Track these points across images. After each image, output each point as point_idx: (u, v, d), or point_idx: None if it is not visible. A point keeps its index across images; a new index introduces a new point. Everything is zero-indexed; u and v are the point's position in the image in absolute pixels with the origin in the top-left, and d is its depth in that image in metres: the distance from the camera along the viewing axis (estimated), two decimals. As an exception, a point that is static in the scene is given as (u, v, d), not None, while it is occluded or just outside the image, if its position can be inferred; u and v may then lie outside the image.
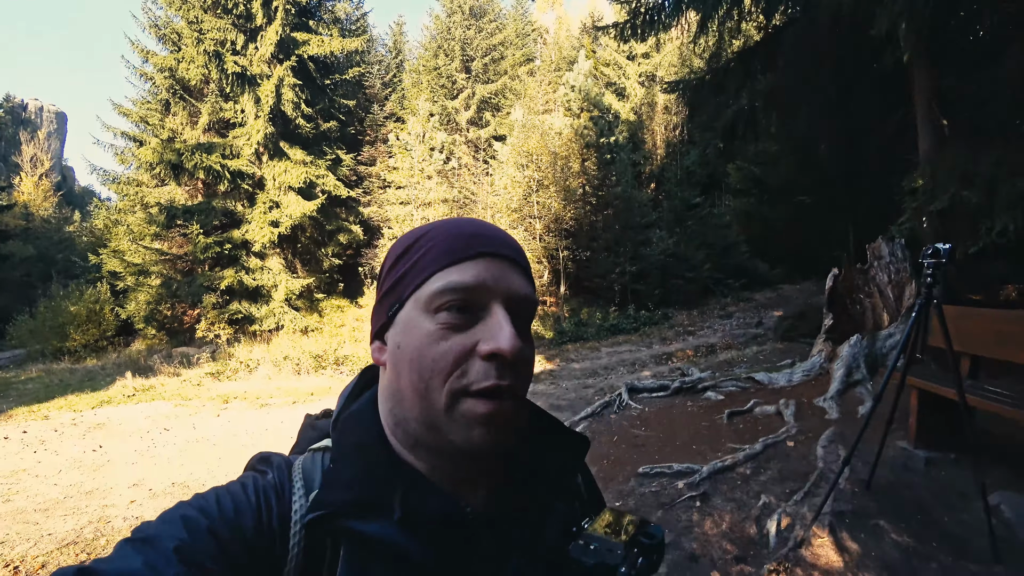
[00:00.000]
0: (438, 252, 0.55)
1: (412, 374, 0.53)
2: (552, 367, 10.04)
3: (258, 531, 0.51)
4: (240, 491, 0.53)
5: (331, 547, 0.52)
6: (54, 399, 10.07)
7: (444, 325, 0.53)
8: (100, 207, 19.66)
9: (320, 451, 0.60)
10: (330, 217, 18.20)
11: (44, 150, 44.28)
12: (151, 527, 0.48)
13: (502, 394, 0.52)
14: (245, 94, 15.87)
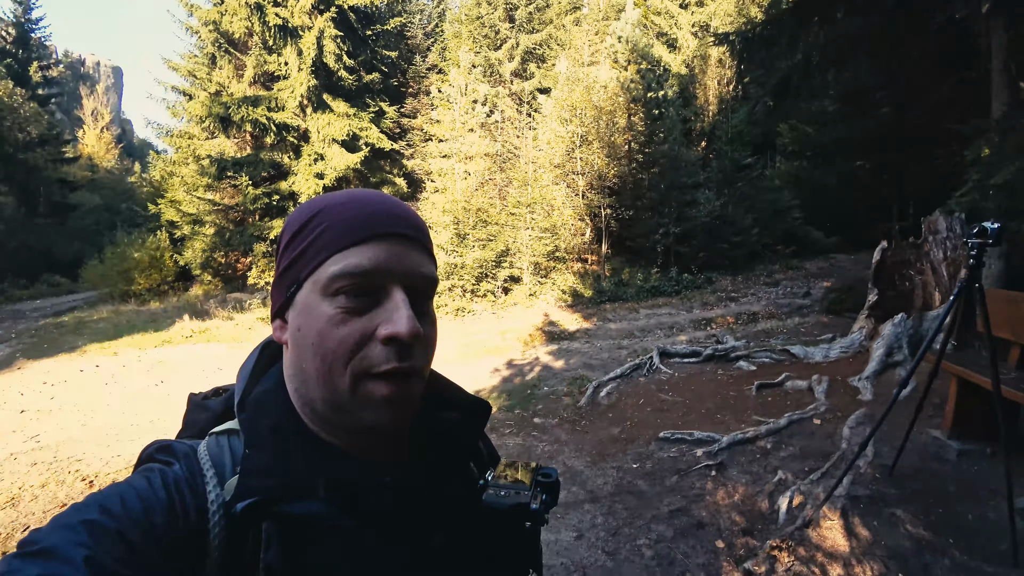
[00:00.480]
0: (335, 233, 0.55)
1: (315, 358, 0.54)
2: (588, 326, 10.04)
3: (172, 528, 0.48)
4: (146, 486, 0.49)
5: (253, 534, 0.50)
6: (122, 338, 10.87)
7: (343, 309, 0.53)
8: (157, 159, 20.43)
9: (224, 434, 0.58)
10: (374, 170, 18.34)
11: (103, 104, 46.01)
12: (46, 536, 0.42)
13: (403, 376, 0.54)
14: (288, 46, 15.88)
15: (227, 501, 0.51)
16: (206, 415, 0.64)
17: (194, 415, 0.65)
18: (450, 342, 9.36)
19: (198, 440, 0.58)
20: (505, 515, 0.59)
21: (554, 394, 6.13)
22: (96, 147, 38.19)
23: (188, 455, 0.55)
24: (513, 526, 0.60)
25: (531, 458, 4.39)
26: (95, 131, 39.97)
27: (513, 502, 0.60)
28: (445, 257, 12.82)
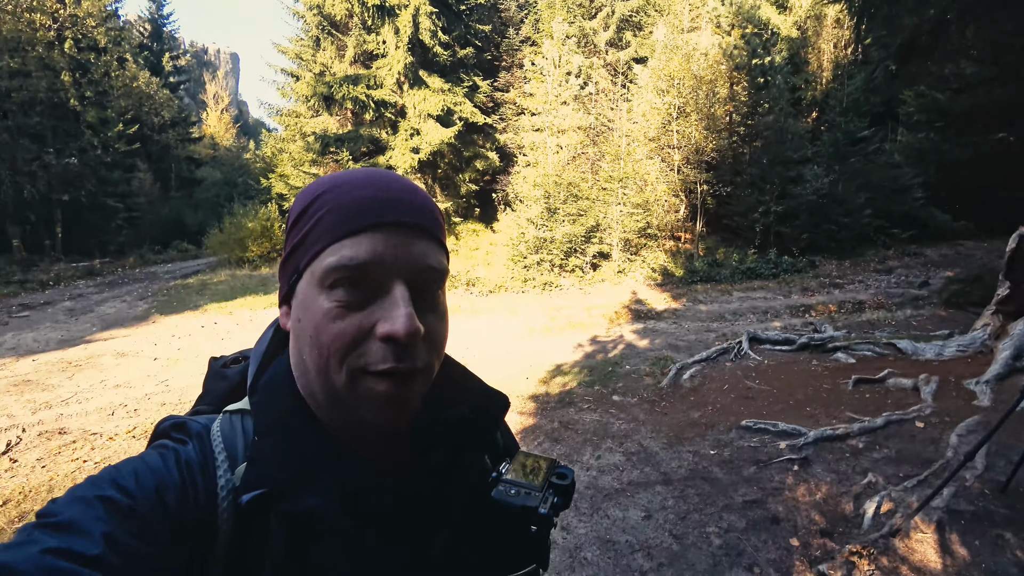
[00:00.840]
0: (332, 220, 0.52)
1: (312, 351, 0.52)
2: (677, 306, 9.80)
3: (183, 509, 0.47)
4: (161, 465, 0.49)
5: (259, 525, 0.50)
6: (236, 299, 12.10)
7: (339, 303, 0.50)
8: (268, 137, 22.11)
9: (238, 414, 0.57)
10: (467, 144, 18.70)
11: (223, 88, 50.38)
12: (64, 509, 0.43)
13: (402, 376, 0.51)
14: (385, 25, 16.41)
15: (236, 487, 0.51)
16: (224, 384, 0.64)
17: (212, 383, 0.65)
18: (538, 316, 9.53)
19: (213, 415, 0.58)
20: (512, 515, 0.58)
21: (635, 373, 6.10)
22: (217, 127, 42.09)
23: (201, 435, 0.54)
24: (520, 527, 0.59)
25: (605, 435, 4.46)
26: (216, 113, 44.05)
27: (521, 503, 0.58)
28: (535, 231, 12.94)
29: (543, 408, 5.26)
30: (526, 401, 5.49)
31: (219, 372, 0.66)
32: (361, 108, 17.23)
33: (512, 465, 0.64)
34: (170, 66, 29.75)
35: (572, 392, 5.67)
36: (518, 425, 4.88)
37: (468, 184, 19.38)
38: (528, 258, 12.88)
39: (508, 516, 0.58)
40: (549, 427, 4.75)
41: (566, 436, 4.52)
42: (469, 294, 11.92)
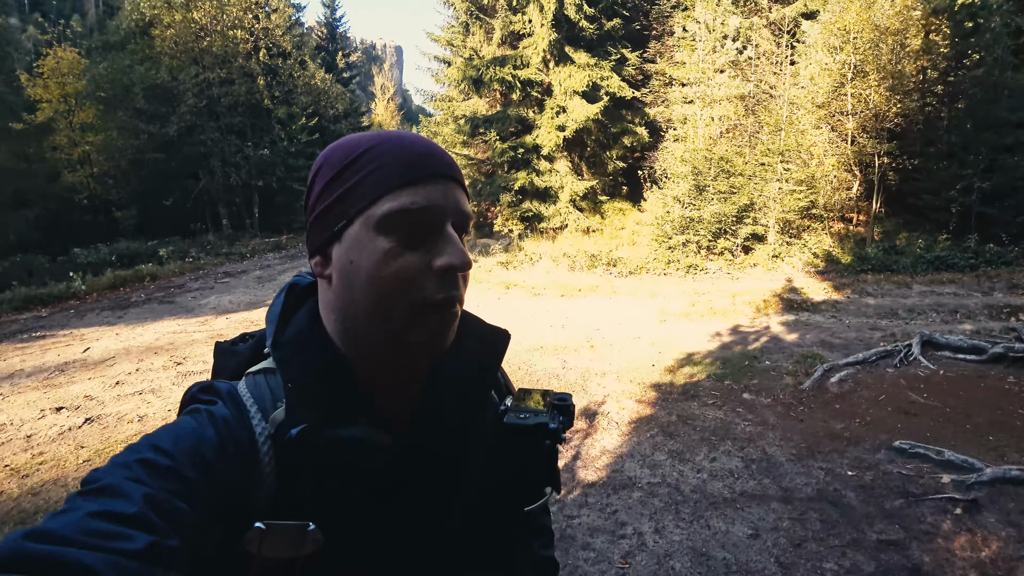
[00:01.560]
0: (389, 171, 0.57)
1: (370, 289, 0.56)
2: (838, 297, 8.63)
3: (222, 463, 0.50)
4: (196, 425, 0.52)
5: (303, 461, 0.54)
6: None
7: (399, 243, 0.56)
8: (427, 122, 23.65)
9: (260, 373, 0.61)
10: (614, 119, 18.12)
11: (388, 79, 55.34)
12: (104, 475, 0.45)
13: (451, 303, 0.58)
14: (530, 4, 16.40)
15: (273, 433, 0.55)
16: (236, 359, 0.68)
17: (224, 361, 0.69)
18: (676, 300, 9.06)
19: (234, 381, 0.61)
20: (527, 434, 0.65)
21: (775, 370, 5.52)
22: (383, 115, 46.36)
23: (231, 393, 0.58)
24: (534, 445, 0.65)
25: (726, 436, 4.11)
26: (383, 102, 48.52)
27: (534, 422, 0.65)
28: (680, 210, 12.20)
29: (664, 399, 5.02)
30: (647, 389, 5.28)
31: (229, 350, 0.70)
32: (508, 89, 17.55)
33: (514, 398, 0.71)
34: (343, 63, 33.25)
35: (699, 384, 5.31)
36: (633, 414, 4.72)
37: (615, 161, 18.84)
38: (673, 239, 12.21)
39: (523, 436, 0.65)
40: (666, 419, 4.52)
41: (682, 431, 4.27)
42: (608, 274, 11.69)
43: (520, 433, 0.65)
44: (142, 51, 21.06)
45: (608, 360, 6.23)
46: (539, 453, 0.66)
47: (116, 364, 6.56)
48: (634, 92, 17.08)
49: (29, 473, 3.99)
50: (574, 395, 5.06)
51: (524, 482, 0.69)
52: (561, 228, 17.81)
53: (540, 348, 6.75)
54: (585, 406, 4.97)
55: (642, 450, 4.04)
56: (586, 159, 19.36)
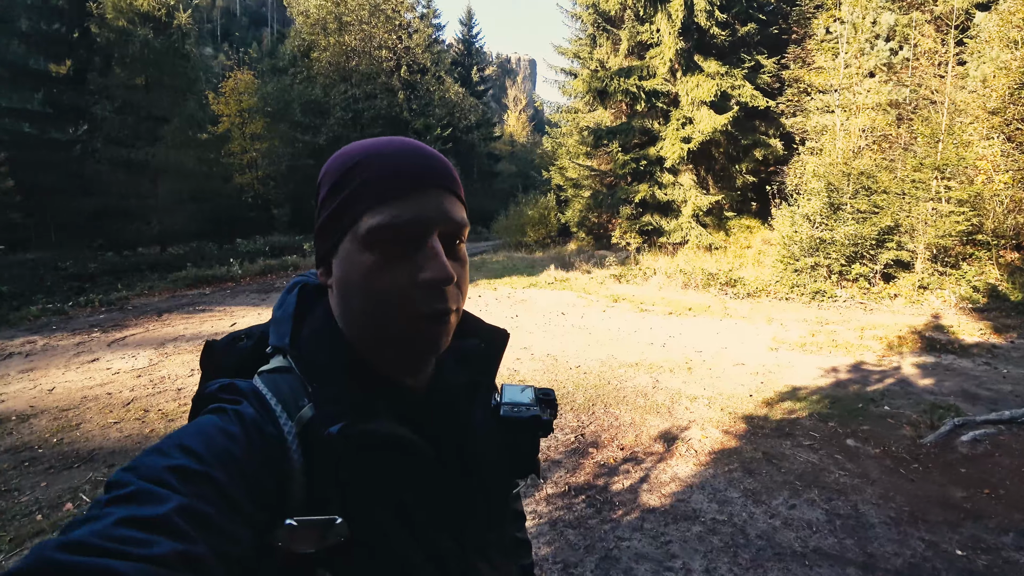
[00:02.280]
0: (373, 186, 0.58)
1: (360, 303, 0.59)
2: (997, 341, 7.35)
3: (253, 464, 0.50)
4: (224, 426, 0.51)
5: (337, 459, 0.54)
6: (503, 277, 13.70)
7: (382, 258, 0.57)
8: (552, 133, 24.09)
9: (276, 372, 0.60)
10: (746, 131, 17.09)
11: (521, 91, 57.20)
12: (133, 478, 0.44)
13: (440, 316, 0.59)
14: (658, 13, 15.99)
15: (299, 432, 0.55)
16: (235, 359, 0.66)
17: (221, 359, 0.66)
18: (794, 328, 8.31)
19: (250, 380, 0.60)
20: (522, 426, 0.71)
21: (894, 418, 4.85)
22: (515, 126, 47.96)
23: (255, 392, 0.57)
24: (526, 436, 0.72)
25: (815, 483, 3.71)
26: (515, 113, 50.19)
27: (529, 415, 0.72)
28: (810, 230, 11.14)
29: (753, 432, 4.65)
30: (737, 420, 4.92)
31: (229, 348, 0.67)
32: (632, 100, 17.33)
33: (504, 393, 0.77)
34: (477, 77, 35.19)
35: (797, 422, 4.84)
36: (716, 444, 4.43)
37: (745, 175, 17.75)
38: (800, 261, 11.17)
39: (519, 429, 0.71)
40: (750, 455, 4.19)
41: (764, 471, 3.93)
42: (723, 295, 11.03)
43: (516, 425, 0.71)
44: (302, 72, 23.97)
45: (703, 384, 5.90)
46: (529, 443, 0.73)
47: None
48: (768, 101, 15.97)
49: (175, 418, 4.87)
50: (658, 416, 4.94)
51: (513, 470, 0.74)
52: (681, 244, 17.16)
53: (635, 365, 6.58)
54: (666, 429, 4.76)
55: (715, 484, 3.79)
56: (713, 172, 18.46)
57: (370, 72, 24.20)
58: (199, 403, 0.58)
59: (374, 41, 24.42)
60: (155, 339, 7.70)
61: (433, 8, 31.96)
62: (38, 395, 5.53)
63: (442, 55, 30.71)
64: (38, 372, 6.28)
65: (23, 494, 3.65)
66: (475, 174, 32.61)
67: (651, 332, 8.21)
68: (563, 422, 4.94)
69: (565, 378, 6.09)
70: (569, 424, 4.89)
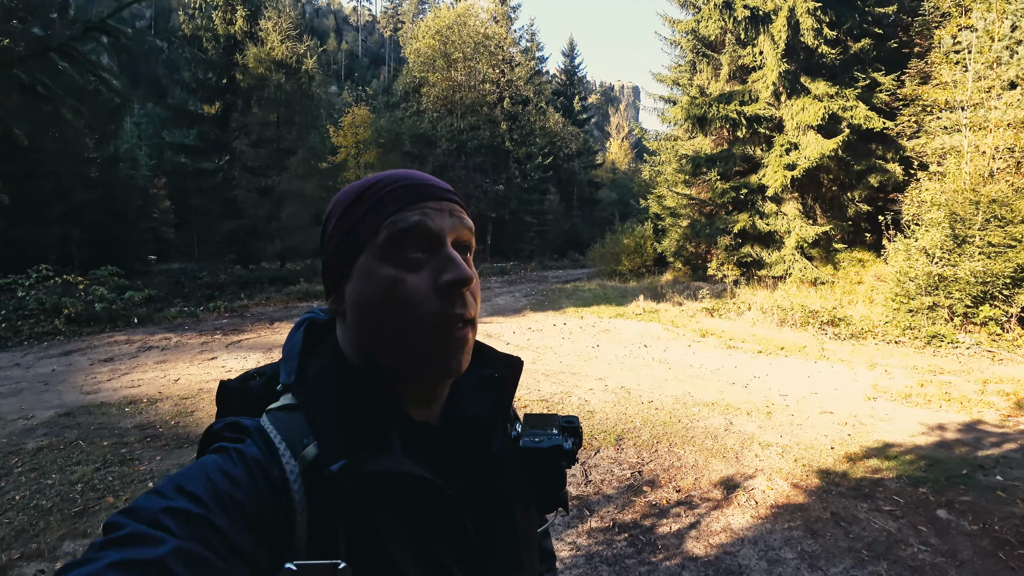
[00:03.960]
0: (389, 200, 0.60)
1: (381, 317, 0.58)
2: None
3: (256, 506, 0.49)
4: (227, 466, 0.50)
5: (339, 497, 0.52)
6: (592, 306, 13.62)
7: (401, 268, 0.58)
8: (650, 161, 23.78)
9: (283, 410, 0.59)
10: (860, 155, 15.74)
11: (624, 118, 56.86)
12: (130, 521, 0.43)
13: (462, 323, 0.59)
14: (760, 35, 15.34)
15: (303, 471, 0.53)
16: (249, 397, 0.65)
17: (235, 398, 0.66)
18: (901, 376, 7.50)
19: (256, 418, 0.59)
20: (544, 457, 0.69)
21: (1006, 491, 4.22)
22: (617, 154, 47.93)
23: (259, 431, 0.56)
24: (549, 467, 0.70)
25: (886, 556, 3.33)
26: (617, 141, 50.19)
27: (550, 445, 0.69)
28: (928, 265, 9.98)
29: (826, 490, 4.26)
30: (810, 474, 4.54)
31: (240, 388, 0.67)
32: (733, 126, 16.70)
33: (525, 423, 0.76)
34: (578, 106, 35.61)
35: (880, 483, 4.37)
36: (780, 498, 4.12)
37: (858, 204, 16.32)
38: (915, 300, 10.03)
39: (540, 459, 0.69)
40: (816, 514, 3.86)
41: (828, 533, 3.60)
42: (823, 334, 10.18)
43: (536, 456, 0.69)
44: (412, 106, 25.82)
45: (781, 431, 5.50)
46: (553, 475, 0.71)
47: None
48: (885, 122, 14.63)
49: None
50: (723, 461, 4.71)
51: (537, 504, 0.72)
52: (783, 277, 16.11)
53: (710, 404, 6.29)
54: (729, 476, 4.51)
55: (770, 540, 3.53)
56: (821, 201, 17.20)
57: (474, 104, 25.54)
58: (205, 442, 0.58)
59: (478, 76, 25.78)
60: (264, 344, 8.68)
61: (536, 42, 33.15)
62: (166, 383, 6.55)
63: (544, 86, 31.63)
64: (168, 364, 7.57)
65: (142, 463, 4.44)
66: (575, 201, 32.87)
67: (735, 371, 7.79)
68: (623, 457, 4.86)
69: (635, 412, 5.96)
70: (629, 460, 4.79)
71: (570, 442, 0.71)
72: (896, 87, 14.85)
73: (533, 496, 0.70)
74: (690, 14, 18.32)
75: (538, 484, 0.70)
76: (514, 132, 25.78)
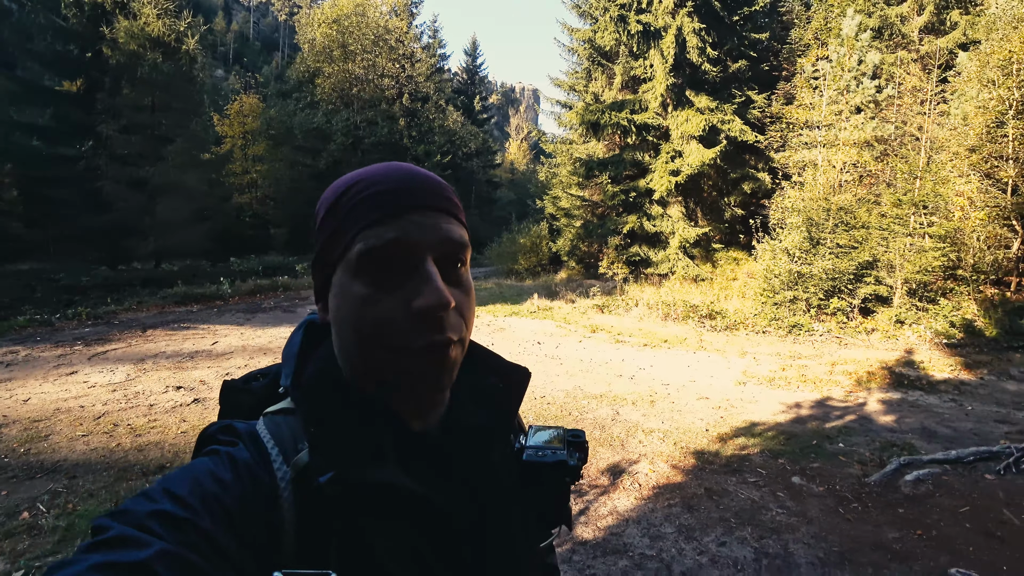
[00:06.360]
0: (362, 211, 0.55)
1: (353, 337, 0.55)
2: (968, 377, 7.29)
3: (244, 510, 0.48)
4: (215, 470, 0.49)
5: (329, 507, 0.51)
6: (487, 305, 13.61)
7: (374, 287, 0.54)
8: (546, 163, 24.44)
9: (280, 414, 0.58)
10: (736, 164, 17.32)
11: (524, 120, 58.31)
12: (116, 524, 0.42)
13: (440, 347, 0.55)
14: (651, 49, 16.37)
15: (295, 478, 0.52)
16: (251, 398, 0.64)
17: (235, 400, 0.64)
18: (766, 362, 8.26)
19: (252, 421, 0.58)
20: (547, 472, 0.66)
21: (846, 456, 4.79)
22: (516, 154, 48.90)
23: (252, 435, 0.55)
24: (553, 482, 0.67)
25: (751, 521, 3.65)
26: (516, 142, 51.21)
27: (554, 460, 0.66)
28: (789, 264, 11.17)
29: (701, 468, 4.58)
30: (687, 455, 4.86)
31: (244, 388, 0.66)
32: (624, 133, 17.60)
33: (528, 436, 0.72)
34: (479, 106, 35.82)
35: (747, 458, 4.78)
36: (661, 479, 4.37)
37: (734, 208, 17.92)
38: (779, 294, 11.17)
39: (543, 474, 0.66)
40: (693, 491, 4.13)
41: (703, 507, 3.87)
42: (701, 327, 10.99)
43: (540, 471, 0.66)
44: (306, 97, 24.51)
45: (663, 418, 5.85)
46: (556, 490, 0.68)
47: (232, 358, 7.64)
48: (757, 136, 16.19)
49: (142, 433, 4.94)
50: (610, 449, 4.89)
51: (539, 520, 0.69)
52: (668, 275, 17.20)
53: (599, 397, 6.53)
54: (616, 462, 4.71)
55: (652, 519, 3.73)
56: (702, 205, 18.63)
57: (372, 99, 24.73)
58: (200, 444, 0.56)
59: (377, 69, 25.00)
60: (135, 354, 7.73)
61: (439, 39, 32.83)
62: (12, 405, 5.63)
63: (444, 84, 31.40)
64: (15, 383, 6.39)
65: (-17, 500, 3.71)
66: (473, 200, 32.95)
67: (622, 364, 8.17)
68: (518, 451, 4.90)
69: (527, 408, 6.03)
70: (521, 454, 4.84)
71: (575, 457, 0.69)
72: (767, 105, 16.48)
73: (535, 511, 0.68)
74: (588, 24, 19.07)
75: (541, 499, 0.68)
76: (413, 129, 25.34)
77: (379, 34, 24.77)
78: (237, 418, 0.60)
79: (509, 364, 0.71)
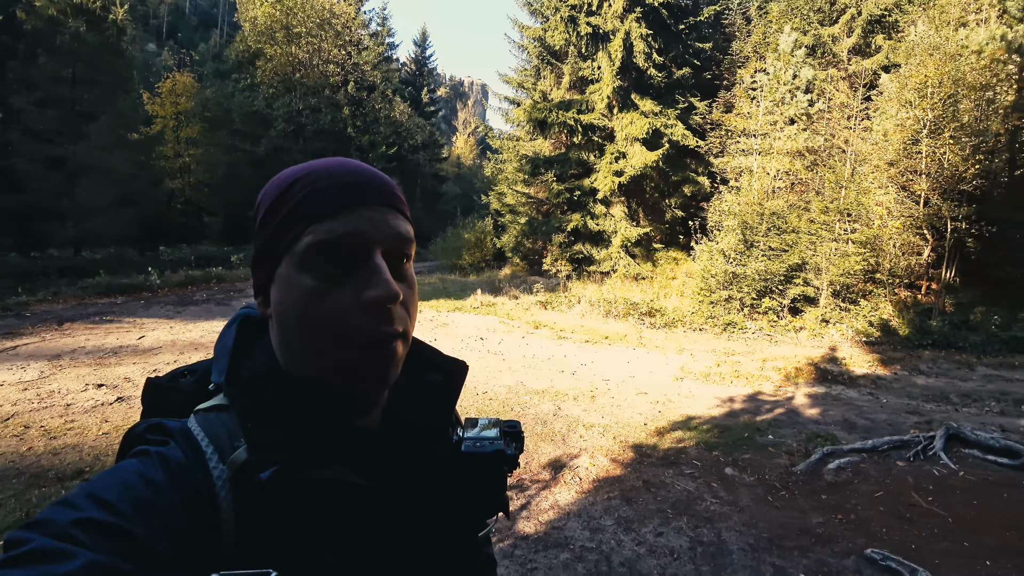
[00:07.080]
0: (311, 204, 0.54)
1: (300, 331, 0.54)
2: (883, 373, 7.81)
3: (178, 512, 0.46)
4: (145, 472, 0.47)
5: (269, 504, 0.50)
6: (431, 300, 13.43)
7: (322, 280, 0.53)
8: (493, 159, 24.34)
9: (212, 411, 0.56)
10: (677, 168, 17.82)
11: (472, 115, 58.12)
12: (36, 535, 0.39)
13: (388, 339, 0.55)
14: (599, 51, 16.62)
15: (232, 476, 0.50)
16: (179, 396, 0.61)
17: (161, 398, 0.62)
18: (702, 358, 8.55)
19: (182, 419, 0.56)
20: (486, 462, 0.67)
21: (775, 447, 5.00)
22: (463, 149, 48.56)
23: (185, 433, 0.53)
24: (492, 472, 0.68)
25: (686, 511, 3.73)
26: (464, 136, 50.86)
27: (492, 450, 0.67)
28: (724, 264, 11.63)
29: (639, 461, 4.66)
30: (626, 449, 4.93)
31: (171, 386, 0.63)
32: (570, 132, 17.77)
33: (466, 428, 0.72)
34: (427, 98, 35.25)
35: (684, 451, 4.90)
36: (601, 473, 4.40)
37: (674, 210, 18.45)
38: (715, 294, 11.62)
39: (482, 465, 0.67)
40: (631, 484, 4.19)
41: (640, 499, 3.93)
42: (641, 324, 11.26)
43: (478, 461, 0.67)
44: (245, 79, 23.30)
45: (603, 413, 5.92)
46: (494, 480, 0.69)
47: (160, 354, 7.11)
48: (698, 141, 16.74)
49: (57, 436, 4.52)
50: (552, 444, 4.89)
51: (478, 510, 0.69)
52: (610, 273, 17.52)
53: (541, 392, 6.54)
54: (557, 457, 4.71)
55: (592, 512, 3.75)
56: (644, 205, 19.07)
57: (316, 85, 23.78)
58: (126, 445, 0.53)
59: (322, 55, 24.07)
60: (50, 350, 7.07)
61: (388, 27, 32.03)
62: None
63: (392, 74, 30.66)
64: None
65: None
66: (418, 194, 32.40)
67: (564, 360, 8.24)
68: (460, 447, 4.82)
69: (469, 404, 5.97)
70: (462, 449, 4.77)
71: (512, 447, 0.70)
72: (708, 112, 17.09)
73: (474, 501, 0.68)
74: (539, 22, 19.13)
75: (479, 489, 0.68)
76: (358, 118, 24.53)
77: (325, 18, 23.84)
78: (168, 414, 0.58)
79: (448, 358, 0.72)
